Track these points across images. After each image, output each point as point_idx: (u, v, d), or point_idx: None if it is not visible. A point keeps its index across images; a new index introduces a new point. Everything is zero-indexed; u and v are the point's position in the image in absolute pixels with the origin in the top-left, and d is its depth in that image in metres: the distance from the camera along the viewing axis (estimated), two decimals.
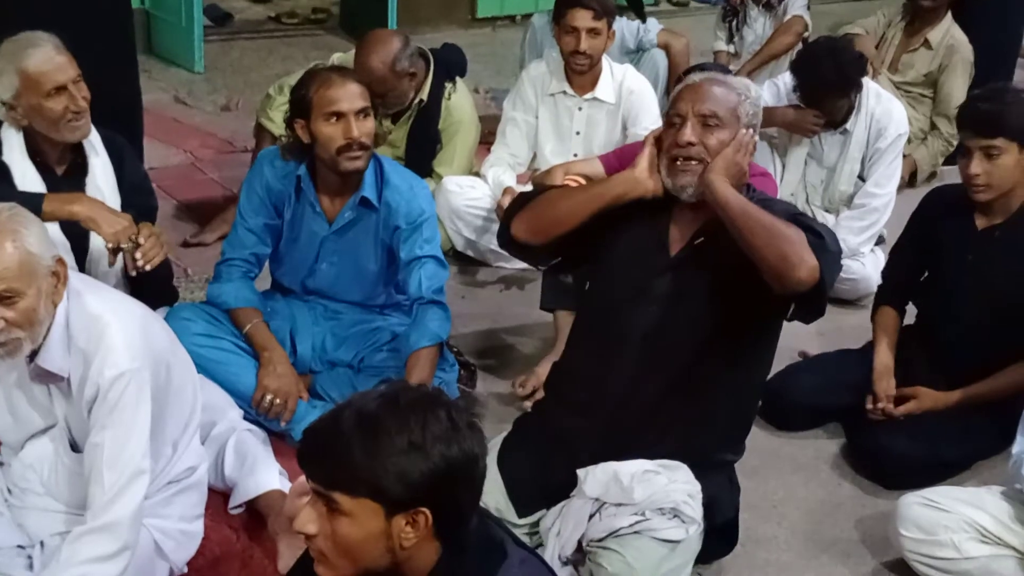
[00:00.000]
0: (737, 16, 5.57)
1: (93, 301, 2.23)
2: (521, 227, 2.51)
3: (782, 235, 2.24)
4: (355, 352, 3.13)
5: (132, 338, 2.21)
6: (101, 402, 2.17)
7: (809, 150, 4.17)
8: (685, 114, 2.39)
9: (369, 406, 1.54)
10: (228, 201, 4.23)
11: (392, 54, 3.78)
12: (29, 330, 2.12)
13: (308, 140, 2.92)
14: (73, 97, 2.77)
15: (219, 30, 6.67)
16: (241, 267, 3.08)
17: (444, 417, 1.54)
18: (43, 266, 2.12)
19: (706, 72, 2.51)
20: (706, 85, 2.41)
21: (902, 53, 5.15)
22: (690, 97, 2.41)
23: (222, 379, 2.93)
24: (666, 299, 2.41)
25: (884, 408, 3.09)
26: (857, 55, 4.02)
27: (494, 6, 7.11)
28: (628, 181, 2.43)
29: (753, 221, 2.26)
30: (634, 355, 2.42)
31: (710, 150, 2.36)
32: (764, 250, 2.23)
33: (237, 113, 5.36)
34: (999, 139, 2.89)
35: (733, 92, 2.41)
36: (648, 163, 2.42)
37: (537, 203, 2.51)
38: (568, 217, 2.45)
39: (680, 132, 2.37)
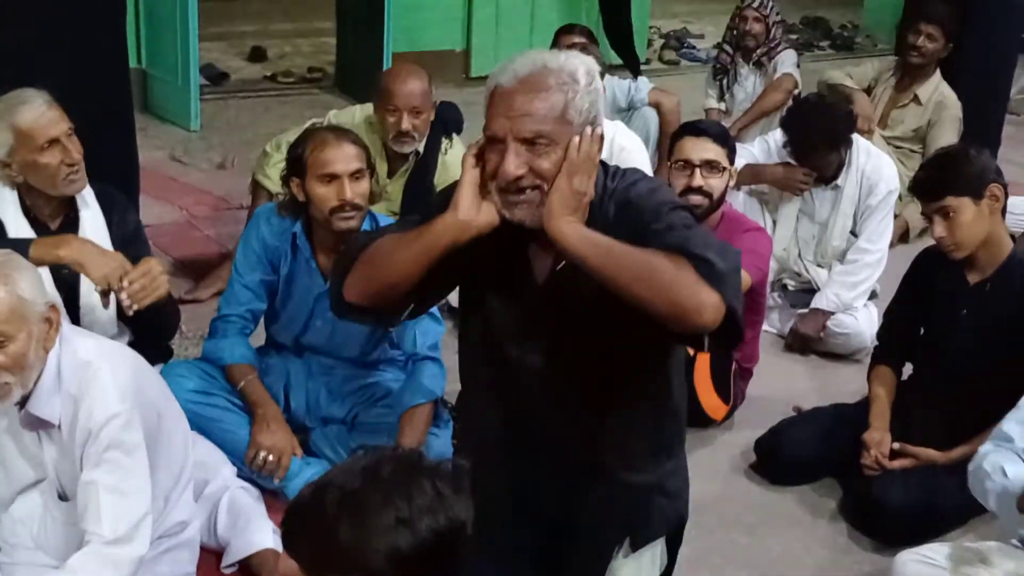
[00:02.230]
0: (728, 74, 5.65)
1: (84, 347, 2.24)
2: (354, 293, 2.08)
3: (664, 280, 1.85)
4: (349, 408, 3.13)
5: (122, 381, 2.22)
6: (93, 442, 2.17)
7: (801, 206, 4.20)
8: (504, 137, 1.92)
9: (352, 483, 1.52)
10: (223, 258, 4.24)
11: (427, 76, 3.87)
12: (19, 375, 2.12)
13: (303, 199, 2.94)
14: (67, 150, 2.80)
15: (215, 89, 6.73)
16: (237, 323, 3.08)
17: (429, 488, 1.51)
18: (35, 312, 2.13)
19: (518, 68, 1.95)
20: (521, 95, 1.91)
21: (892, 109, 5.21)
22: (504, 111, 1.92)
23: (216, 436, 2.92)
24: (547, 335, 2.08)
25: (877, 460, 3.08)
26: (847, 111, 4.08)
27: (487, 65, 7.17)
28: (455, 226, 1.96)
29: (623, 271, 1.87)
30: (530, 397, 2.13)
31: (544, 175, 1.93)
32: (649, 303, 1.86)
33: (233, 171, 5.39)
34: (947, 199, 2.94)
35: (558, 91, 1.92)
36: (471, 196, 1.97)
37: (364, 264, 2.06)
38: (402, 278, 2.02)
39: (503, 165, 1.92)
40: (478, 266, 2.08)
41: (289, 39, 7.99)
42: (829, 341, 4.08)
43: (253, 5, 8.66)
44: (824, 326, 4.06)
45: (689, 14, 9.90)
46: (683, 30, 9.19)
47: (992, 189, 2.96)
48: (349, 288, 2.07)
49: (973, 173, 2.97)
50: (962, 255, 3.01)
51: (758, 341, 3.67)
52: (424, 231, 1.99)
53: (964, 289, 3.07)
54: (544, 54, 1.97)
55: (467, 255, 2.03)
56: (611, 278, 1.88)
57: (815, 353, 4.09)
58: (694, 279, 1.84)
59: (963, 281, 3.07)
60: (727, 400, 3.50)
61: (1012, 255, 3.04)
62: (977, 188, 2.95)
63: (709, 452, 3.40)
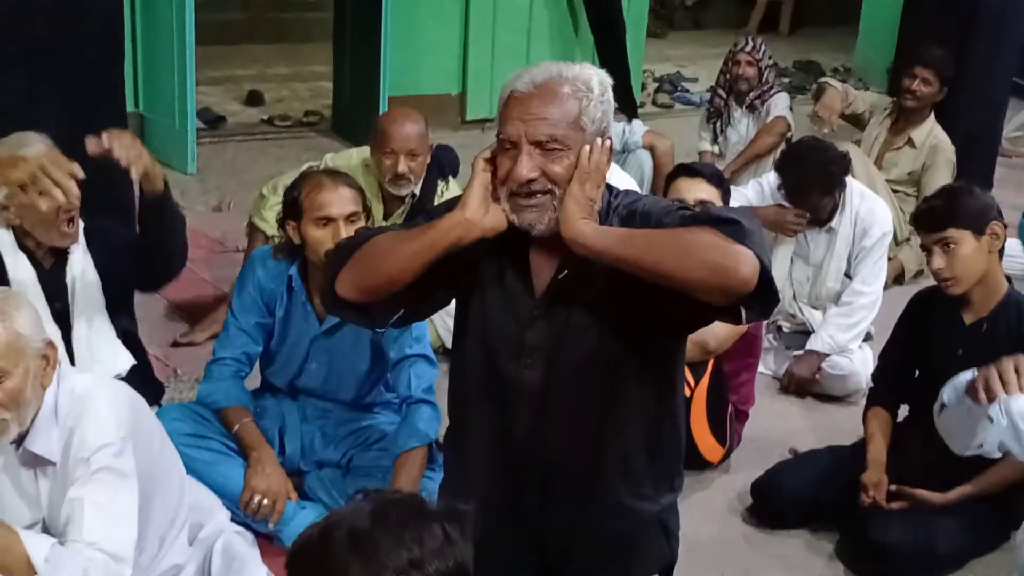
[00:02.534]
0: (721, 117, 5.69)
1: (81, 382, 2.25)
2: (347, 286, 2.05)
3: (697, 245, 1.85)
4: (344, 451, 3.11)
5: (118, 410, 2.22)
6: (85, 465, 2.15)
7: (795, 248, 4.22)
8: (517, 140, 1.94)
9: (361, 524, 1.51)
10: (219, 301, 4.24)
11: (423, 119, 3.88)
12: (15, 411, 2.12)
13: (299, 242, 2.95)
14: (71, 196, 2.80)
15: (212, 132, 6.76)
16: (232, 366, 3.08)
17: (438, 532, 1.52)
18: (32, 348, 2.13)
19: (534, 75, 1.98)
20: (537, 99, 1.94)
21: (886, 151, 5.25)
22: (519, 115, 1.94)
23: (210, 480, 2.90)
24: (544, 349, 2.04)
25: (876, 500, 3.07)
26: (841, 154, 4.10)
27: (483, 108, 7.23)
28: (459, 225, 1.97)
29: (652, 251, 1.88)
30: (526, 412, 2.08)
31: (556, 179, 1.94)
32: (687, 273, 1.84)
33: (229, 213, 5.41)
34: (949, 230, 2.95)
35: (572, 98, 1.95)
36: (480, 198, 1.98)
37: (363, 256, 2.04)
38: (400, 272, 2.00)
39: (515, 167, 1.93)
40: (475, 276, 2.08)
41: (286, 83, 8.05)
42: (824, 383, 4.08)
43: (250, 50, 8.74)
44: (819, 368, 4.06)
45: (682, 58, 9.98)
46: (677, 74, 9.27)
47: (993, 227, 2.98)
48: (343, 281, 2.05)
49: (976, 208, 2.99)
50: (959, 291, 3.01)
51: (753, 383, 3.66)
52: (428, 227, 2.00)
53: (960, 329, 3.07)
54: (560, 64, 2.00)
55: (465, 264, 2.04)
56: (640, 260, 1.88)
57: (810, 395, 4.09)
58: (723, 239, 1.84)
59: (959, 321, 3.08)
60: (723, 442, 3.49)
61: (1008, 295, 3.04)
62: (979, 223, 2.96)
63: (706, 494, 3.39)
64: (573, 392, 2.05)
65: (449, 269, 2.04)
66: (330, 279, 2.08)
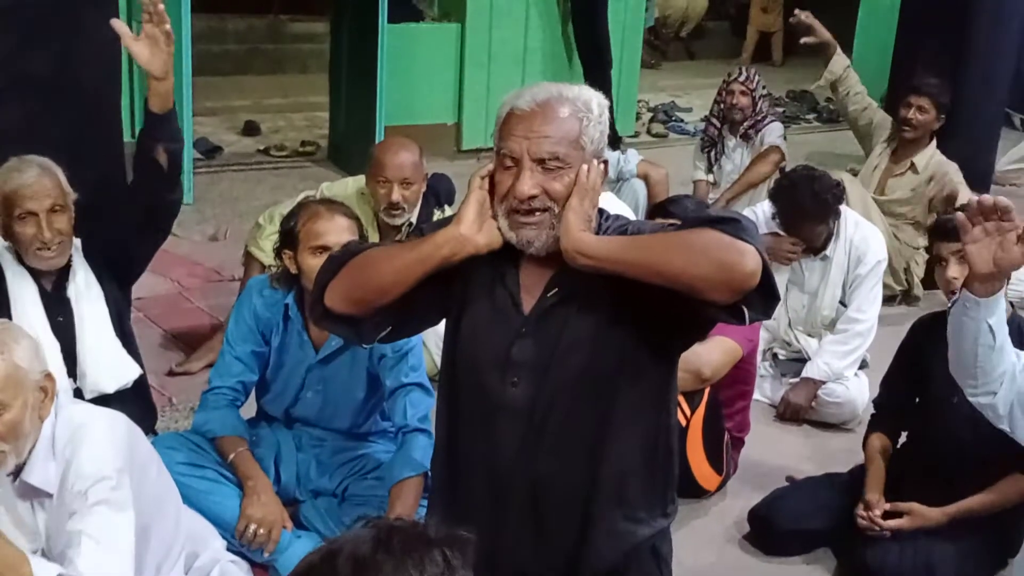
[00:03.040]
0: (715, 146, 5.72)
1: (78, 413, 2.24)
2: (337, 297, 2.06)
3: (700, 243, 1.88)
4: (340, 480, 3.10)
5: (116, 440, 2.21)
6: (82, 498, 2.15)
7: (790, 276, 4.23)
8: (520, 157, 1.96)
9: (363, 550, 1.51)
10: (215, 330, 4.24)
11: (417, 149, 3.90)
12: (13, 443, 2.12)
13: (295, 271, 2.96)
14: (41, 227, 2.84)
15: (208, 162, 6.78)
16: (228, 395, 3.08)
17: (440, 559, 1.51)
18: (31, 380, 2.13)
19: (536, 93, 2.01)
20: (539, 118, 1.96)
21: (888, 178, 5.26)
22: (523, 132, 1.96)
23: (205, 508, 2.89)
24: (532, 368, 2.04)
25: (872, 519, 3.06)
26: (835, 182, 4.11)
27: (478, 138, 7.27)
28: (453, 240, 1.99)
29: (657, 253, 1.90)
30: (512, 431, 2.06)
31: (556, 197, 1.97)
32: (694, 270, 1.86)
33: (225, 243, 5.42)
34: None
35: (573, 118, 1.98)
36: (475, 214, 1.99)
37: (354, 268, 2.05)
38: (392, 285, 2.02)
39: (517, 183, 1.96)
40: (465, 293, 2.09)
41: (282, 113, 8.09)
42: (820, 410, 4.08)
43: (247, 80, 8.79)
44: (815, 395, 4.07)
45: (677, 88, 10.06)
46: (671, 104, 9.33)
47: None
48: (333, 291, 2.07)
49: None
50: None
51: (749, 411, 3.66)
52: (422, 241, 2.02)
53: None
54: (559, 84, 2.04)
55: (455, 280, 2.07)
56: (646, 263, 1.90)
57: (806, 422, 4.09)
58: (725, 237, 1.87)
59: None
60: (720, 470, 3.49)
61: (1010, 320, 3.05)
62: None
63: (703, 522, 3.38)
64: (561, 411, 2.05)
65: (439, 285, 2.05)
66: (319, 290, 2.09)
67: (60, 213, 2.89)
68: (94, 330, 3.01)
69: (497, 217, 2.01)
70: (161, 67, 2.85)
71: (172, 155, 2.97)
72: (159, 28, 2.82)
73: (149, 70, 2.85)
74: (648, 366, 2.08)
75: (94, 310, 3.02)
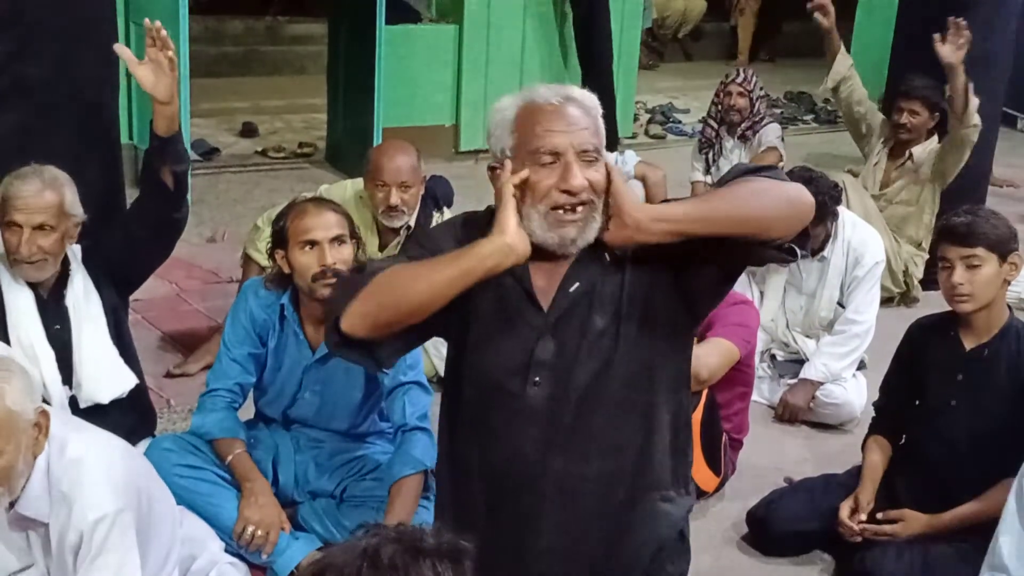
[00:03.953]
0: (713, 148, 5.72)
1: (73, 446, 2.21)
2: (359, 321, 1.95)
3: (764, 188, 1.95)
4: (338, 482, 3.10)
5: (113, 478, 2.19)
6: (87, 546, 2.14)
7: (788, 277, 4.23)
8: (564, 151, 1.94)
9: (352, 566, 1.51)
10: (212, 332, 4.24)
11: (415, 152, 3.90)
12: (7, 484, 2.10)
13: (288, 270, 2.96)
14: (28, 241, 2.82)
15: (206, 164, 6.77)
16: (225, 397, 3.08)
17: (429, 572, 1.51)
18: (24, 420, 2.10)
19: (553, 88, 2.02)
20: (572, 109, 1.97)
21: (889, 174, 5.29)
22: (562, 127, 1.95)
23: (203, 510, 2.89)
24: (553, 366, 2.02)
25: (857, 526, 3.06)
26: (832, 184, 4.12)
27: (476, 139, 7.27)
28: (501, 251, 1.90)
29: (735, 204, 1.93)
30: (535, 433, 2.04)
31: (598, 189, 1.96)
32: (770, 211, 1.93)
33: (222, 245, 5.41)
34: (979, 248, 2.94)
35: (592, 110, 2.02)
36: (516, 222, 1.93)
37: (380, 290, 1.94)
38: (429, 302, 1.93)
39: (570, 177, 1.93)
40: (467, 304, 2.02)
41: (280, 115, 8.08)
42: (818, 411, 4.08)
43: (244, 82, 8.78)
44: (813, 396, 4.07)
45: (674, 89, 10.06)
46: (669, 105, 9.33)
47: (1014, 256, 2.98)
48: (353, 317, 1.95)
49: (1007, 234, 2.99)
50: (970, 309, 2.99)
51: (747, 412, 3.66)
52: (462, 254, 1.92)
53: (960, 355, 3.07)
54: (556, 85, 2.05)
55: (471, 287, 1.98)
56: (725, 214, 1.93)
57: (804, 423, 4.09)
58: (777, 180, 1.98)
59: (959, 347, 3.07)
60: (718, 472, 3.49)
61: (1009, 322, 3.05)
62: (1004, 250, 2.97)
63: (701, 524, 3.37)
64: (589, 404, 2.03)
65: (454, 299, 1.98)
66: (334, 316, 1.98)
67: (48, 233, 2.85)
68: (91, 340, 2.99)
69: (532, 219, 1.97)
70: (165, 92, 2.85)
71: (178, 176, 2.98)
72: (163, 53, 2.81)
73: (154, 95, 2.85)
74: (672, 345, 2.10)
75: (92, 319, 3.00)
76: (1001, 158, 6.39)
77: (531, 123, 1.97)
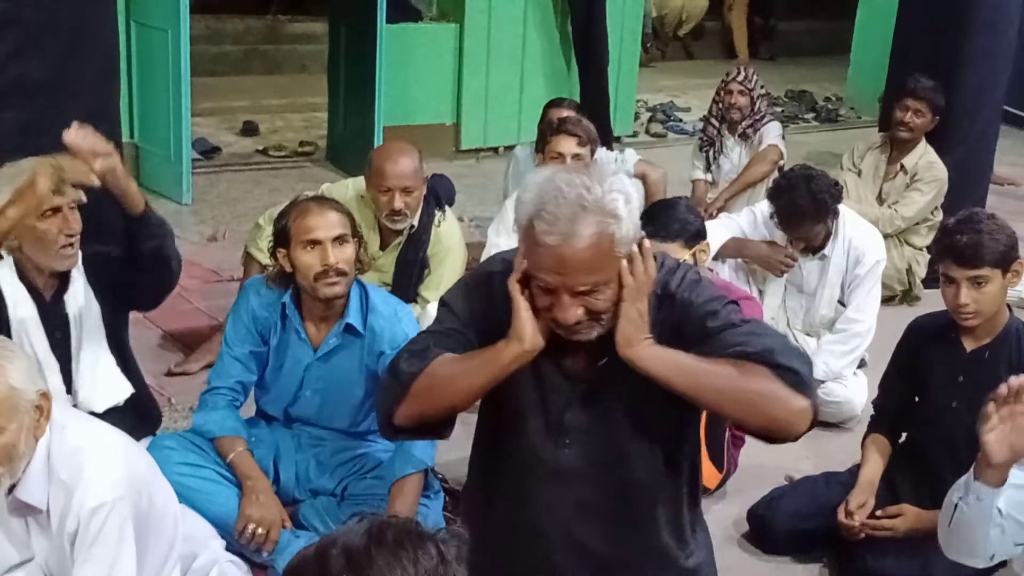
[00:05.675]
0: (714, 146, 5.72)
1: (75, 434, 2.22)
2: (407, 422, 2.09)
3: (758, 395, 1.89)
4: (339, 480, 3.11)
5: (114, 468, 2.20)
6: (83, 534, 2.14)
7: (788, 276, 4.23)
8: (556, 288, 1.92)
9: (356, 543, 1.51)
10: (213, 330, 4.24)
11: (417, 154, 3.89)
12: (8, 465, 2.10)
13: (290, 269, 2.96)
14: (67, 221, 2.81)
15: (207, 163, 6.78)
16: (227, 396, 3.08)
17: (434, 552, 1.52)
18: (26, 401, 2.11)
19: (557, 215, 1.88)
20: (568, 251, 1.86)
21: (884, 182, 5.28)
22: (554, 267, 1.89)
23: (204, 508, 2.89)
24: (583, 432, 2.08)
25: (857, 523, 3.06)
26: (832, 182, 4.12)
27: (477, 138, 7.28)
28: (520, 357, 2.00)
29: (712, 393, 1.92)
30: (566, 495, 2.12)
31: (600, 312, 1.95)
32: (744, 418, 1.94)
33: (223, 243, 5.42)
34: (984, 268, 2.91)
35: (603, 235, 1.88)
36: (531, 325, 1.98)
37: (421, 392, 2.05)
38: (464, 404, 2.09)
39: (560, 313, 1.93)
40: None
41: (281, 114, 8.09)
42: (819, 409, 4.07)
43: (245, 81, 8.79)
44: None
45: (675, 88, 10.06)
46: (669, 103, 9.34)
47: (1016, 264, 2.96)
48: (402, 416, 2.07)
49: (1009, 245, 2.96)
50: (976, 323, 2.99)
51: None
52: (488, 361, 2.02)
53: (961, 356, 3.07)
54: (577, 190, 1.88)
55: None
56: (698, 396, 1.94)
57: None
58: (784, 391, 1.90)
59: (960, 348, 3.07)
60: (720, 468, 3.49)
61: (1010, 323, 3.05)
62: (1007, 262, 2.94)
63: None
64: (614, 469, 2.10)
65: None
66: (387, 413, 2.09)
67: (76, 209, 2.85)
68: (91, 348, 2.96)
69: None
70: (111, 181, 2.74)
71: (157, 250, 2.91)
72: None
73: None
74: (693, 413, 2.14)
75: (91, 328, 2.96)
76: (1004, 157, 6.39)
77: (531, 244, 1.92)
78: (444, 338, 2.10)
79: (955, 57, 5.29)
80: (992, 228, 2.99)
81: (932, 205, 5.15)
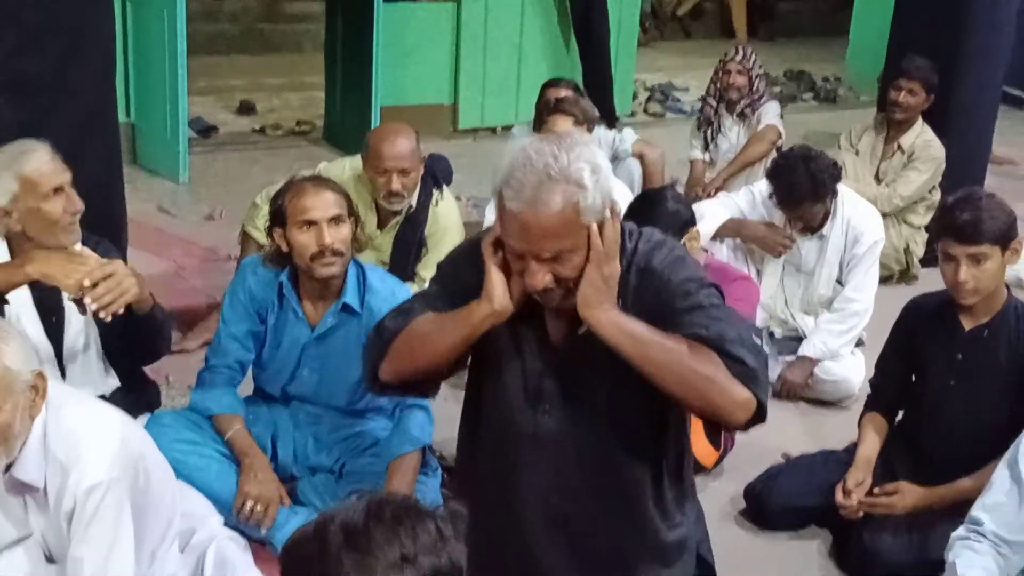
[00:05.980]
0: (712, 126, 5.70)
1: (70, 413, 2.22)
2: (391, 378, 2.16)
3: (701, 378, 1.92)
4: (337, 457, 3.11)
5: (110, 448, 2.20)
6: (80, 514, 2.15)
7: (786, 255, 4.23)
8: (524, 255, 1.94)
9: (355, 519, 1.52)
10: (211, 309, 4.24)
11: (414, 134, 3.88)
12: (4, 444, 2.10)
13: (286, 248, 2.96)
14: (71, 199, 2.81)
15: (204, 142, 6.76)
16: (224, 374, 3.08)
17: (433, 529, 1.52)
18: (21, 381, 2.11)
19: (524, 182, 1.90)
20: (532, 219, 1.89)
21: (881, 162, 5.27)
22: (520, 235, 1.92)
23: (203, 485, 2.91)
24: (561, 400, 2.11)
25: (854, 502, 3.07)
26: (831, 162, 4.11)
27: (475, 118, 7.26)
28: (490, 317, 2.03)
29: (658, 367, 1.94)
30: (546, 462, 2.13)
31: (568, 279, 1.96)
32: (684, 397, 1.96)
33: (220, 222, 5.41)
34: (984, 245, 2.91)
35: (568, 205, 1.89)
36: (502, 287, 2.01)
37: (400, 349, 2.12)
38: (441, 364, 2.12)
39: (528, 278, 1.95)
40: (485, 338, 2.10)
41: (278, 93, 8.06)
42: (817, 388, 4.09)
43: (242, 60, 8.75)
44: (811, 373, 4.08)
45: (673, 68, 10.02)
46: (668, 83, 9.30)
47: (1015, 243, 2.96)
48: (386, 371, 2.14)
49: (1007, 223, 2.96)
50: (974, 301, 2.99)
51: None
52: (460, 320, 2.05)
53: (959, 336, 3.07)
54: (545, 158, 1.90)
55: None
56: (643, 368, 1.95)
57: (803, 400, 4.10)
58: (727, 379, 1.93)
59: (958, 327, 3.07)
60: (718, 446, 3.50)
61: (1008, 303, 3.05)
62: (1006, 239, 2.94)
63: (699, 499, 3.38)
64: (592, 437, 2.11)
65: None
66: (372, 368, 2.17)
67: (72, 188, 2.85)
68: (82, 335, 2.96)
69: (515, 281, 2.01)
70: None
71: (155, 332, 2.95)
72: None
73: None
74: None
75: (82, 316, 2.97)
76: (1002, 137, 6.38)
77: (501, 210, 1.95)
78: (432, 300, 2.15)
79: (956, 32, 5.28)
80: (991, 206, 2.98)
81: (930, 184, 5.15)
